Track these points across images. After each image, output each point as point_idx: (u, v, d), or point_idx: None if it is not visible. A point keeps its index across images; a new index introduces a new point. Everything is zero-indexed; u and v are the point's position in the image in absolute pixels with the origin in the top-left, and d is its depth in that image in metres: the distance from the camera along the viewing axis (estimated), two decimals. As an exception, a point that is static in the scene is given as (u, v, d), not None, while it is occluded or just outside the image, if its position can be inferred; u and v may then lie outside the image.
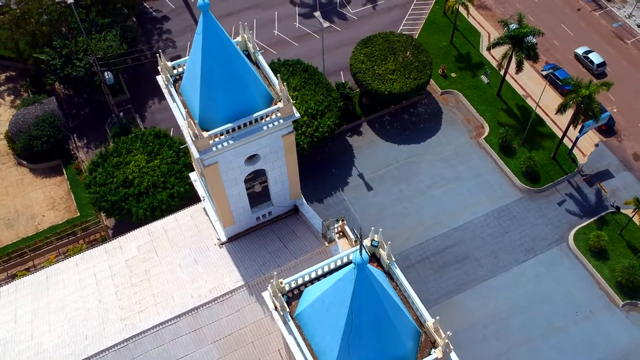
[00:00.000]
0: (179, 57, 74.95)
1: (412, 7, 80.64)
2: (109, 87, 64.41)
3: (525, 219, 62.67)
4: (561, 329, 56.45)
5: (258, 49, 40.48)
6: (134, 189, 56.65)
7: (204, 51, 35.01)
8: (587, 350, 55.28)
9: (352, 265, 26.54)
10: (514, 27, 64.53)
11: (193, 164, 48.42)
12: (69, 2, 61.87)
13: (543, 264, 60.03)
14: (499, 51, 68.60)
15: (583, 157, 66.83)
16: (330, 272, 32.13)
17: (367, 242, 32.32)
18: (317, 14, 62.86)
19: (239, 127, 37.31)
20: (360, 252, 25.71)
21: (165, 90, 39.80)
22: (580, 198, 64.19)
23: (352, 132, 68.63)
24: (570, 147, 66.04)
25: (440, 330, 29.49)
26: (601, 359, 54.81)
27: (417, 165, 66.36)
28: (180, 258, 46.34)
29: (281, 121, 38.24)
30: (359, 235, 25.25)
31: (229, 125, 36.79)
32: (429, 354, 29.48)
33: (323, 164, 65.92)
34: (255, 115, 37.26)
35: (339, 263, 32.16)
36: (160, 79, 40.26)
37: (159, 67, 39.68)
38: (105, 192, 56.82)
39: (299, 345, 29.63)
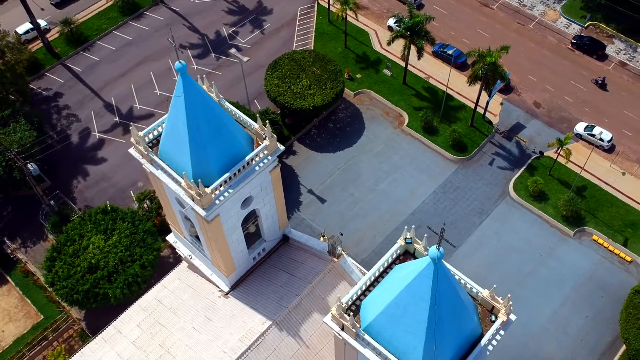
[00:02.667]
0: (87, 129, 72.64)
1: (297, 23, 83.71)
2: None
3: (467, 186, 67.81)
4: (532, 272, 61.91)
5: (222, 96, 41.06)
6: (102, 272, 54.47)
7: (188, 111, 35.27)
8: (560, 283, 61.13)
9: (420, 263, 28.57)
10: (406, 20, 69.35)
11: (171, 227, 47.72)
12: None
13: (497, 220, 65.41)
14: (398, 44, 73.22)
15: (495, 118, 73.40)
16: (376, 279, 33.90)
17: (400, 240, 34.40)
18: (233, 50, 63.80)
19: (235, 175, 37.86)
20: (438, 246, 27.77)
21: (144, 161, 39.24)
22: (506, 153, 70.54)
23: (286, 153, 70.24)
24: (482, 112, 72.26)
25: (497, 297, 32.33)
26: (573, 287, 60.87)
27: (357, 166, 69.36)
28: (190, 321, 45.63)
29: (269, 157, 39.26)
30: (439, 232, 27.22)
31: (227, 175, 37.25)
32: (493, 321, 32.20)
33: (272, 191, 66.94)
34: (247, 158, 38.01)
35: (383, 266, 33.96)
36: (134, 151, 39.61)
37: (132, 140, 39.05)
38: (73, 284, 54.09)
39: (380, 354, 31.07)
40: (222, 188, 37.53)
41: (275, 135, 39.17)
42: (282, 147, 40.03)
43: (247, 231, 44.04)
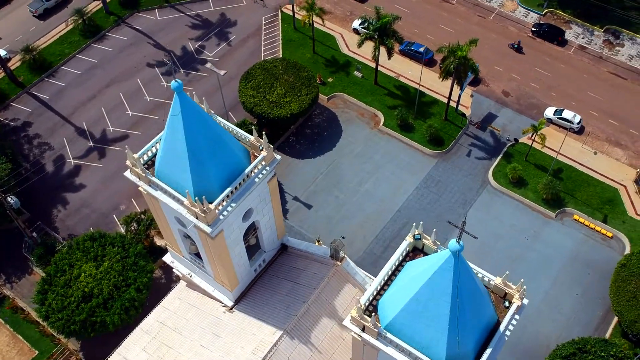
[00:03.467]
0: (62, 157, 71.29)
1: (263, 33, 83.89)
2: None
3: (448, 179, 69.11)
4: (520, 257, 63.47)
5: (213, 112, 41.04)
6: (97, 299, 53.56)
7: (186, 129, 35.15)
8: (547, 265, 62.83)
9: (438, 257, 29.23)
10: (374, 21, 70.24)
11: (168, 247, 47.29)
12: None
13: (480, 209, 66.85)
14: (366, 45, 74.09)
15: (467, 110, 75.00)
16: (390, 277, 34.45)
17: (408, 238, 35.06)
18: (208, 65, 63.48)
19: (236, 188, 37.89)
20: (458, 239, 28.43)
21: (141, 183, 38.86)
22: (482, 144, 72.18)
23: (267, 163, 70.21)
24: (455, 105, 73.76)
25: (509, 283, 33.28)
26: (560, 267, 62.66)
27: (339, 169, 69.93)
28: (197, 339, 45.33)
29: (268, 168, 39.43)
30: (460, 225, 27.87)
31: (228, 189, 37.24)
32: (507, 307, 33.12)
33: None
34: (246, 171, 38.10)
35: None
36: (130, 175, 39.20)
37: (127, 162, 38.65)
38: (68, 315, 53.03)
39: (403, 350, 31.59)
40: (224, 203, 37.52)
41: (271, 146, 39.37)
42: (278, 157, 40.27)
43: (248, 243, 44.05)
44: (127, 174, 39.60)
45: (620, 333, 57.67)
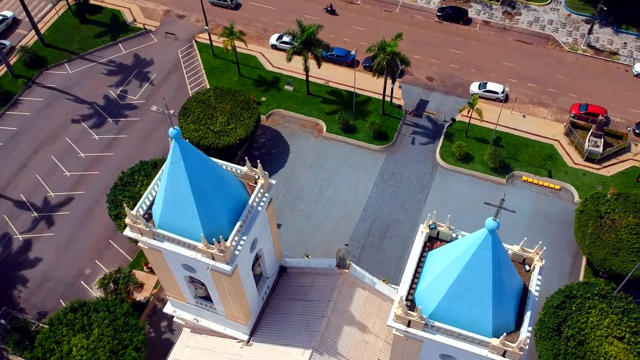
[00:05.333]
0: (7, 234, 67.26)
1: (183, 66, 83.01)
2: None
3: (401, 169, 71.73)
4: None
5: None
6: (96, 369, 51.31)
7: (189, 174, 34.85)
8: (513, 228, 66.47)
9: (475, 238, 30.98)
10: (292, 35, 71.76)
11: (168, 297, 46.19)
12: None
13: (438, 191, 69.93)
14: (296, 59, 75.18)
15: (400, 101, 78.08)
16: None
17: (424, 228, 36.63)
18: (154, 107, 61.87)
19: (244, 221, 37.95)
20: (495, 217, 30.20)
21: (144, 238, 37.96)
22: (422, 130, 75.44)
23: (225, 193, 69.76)
24: (389, 99, 76.60)
25: (527, 249, 35.70)
26: (524, 227, 66.59)
27: (296, 183, 70.66)
28: (223, 381, 44.68)
29: (267, 195, 39.78)
30: (499, 202, 29.56)
31: (239, 223, 37.27)
32: (528, 271, 35.53)
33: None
34: (250, 202, 38.25)
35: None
36: (130, 232, 38.16)
37: (127, 221, 37.60)
38: (69, 394, 50.42)
39: (452, 334, 33.10)
40: (236, 238, 37.47)
41: (267, 173, 39.74)
42: (273, 182, 40.68)
43: (254, 273, 44.05)
44: (127, 232, 38.53)
45: (591, 273, 62.40)
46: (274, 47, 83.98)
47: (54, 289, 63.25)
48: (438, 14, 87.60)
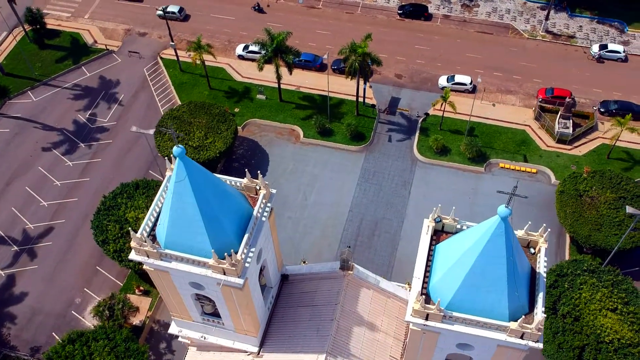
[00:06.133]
0: (-12, 271, 65.27)
1: (150, 84, 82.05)
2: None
3: (381, 167, 72.59)
4: (472, 216, 68.04)
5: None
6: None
7: (195, 191, 34.66)
8: (494, 213, 68.16)
9: (487, 227, 31.81)
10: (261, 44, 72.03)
11: (173, 316, 45.70)
12: None
13: (419, 185, 71.05)
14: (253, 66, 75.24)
15: (372, 100, 79.02)
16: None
17: (429, 222, 37.33)
18: (134, 128, 60.82)
19: (251, 233, 37.94)
20: (507, 204, 31.05)
21: (151, 260, 37.54)
22: (397, 126, 76.53)
23: (209, 207, 69.29)
24: (362, 100, 77.41)
25: (530, 232, 36.75)
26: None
27: (280, 191, 69.29)
28: (238, 395, 44.45)
29: (269, 204, 39.86)
30: (512, 189, 30.41)
31: (246, 235, 37.23)
32: (533, 254, 36.65)
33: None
34: (254, 213, 38.28)
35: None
36: (136, 256, 37.64)
37: (132, 244, 37.12)
38: None
39: (470, 322, 33.83)
40: (245, 250, 37.44)
41: (267, 182, 39.83)
42: (274, 191, 40.80)
43: (260, 284, 44.02)
44: (132, 256, 38.02)
45: (576, 251, 64.41)
46: (240, 57, 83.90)
47: (44, 322, 61.68)
48: (399, 12, 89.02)
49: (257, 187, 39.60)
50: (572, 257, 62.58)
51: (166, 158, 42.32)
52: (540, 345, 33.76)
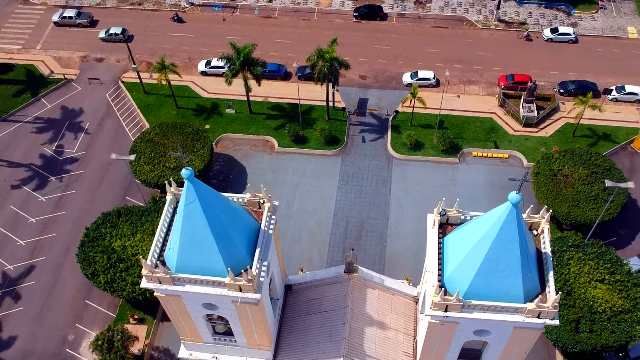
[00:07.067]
0: (-28, 319, 62.90)
1: (115, 109, 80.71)
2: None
3: (359, 168, 73.51)
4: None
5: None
6: None
7: (207, 212, 34.52)
8: (476, 203, 69.68)
9: (499, 214, 32.86)
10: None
11: (183, 340, 45.24)
12: None
13: (399, 182, 72.27)
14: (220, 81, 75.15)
15: (341, 103, 79.95)
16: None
17: (435, 216, 38.26)
18: (114, 155, 59.22)
19: (261, 247, 38.05)
20: (518, 190, 32.14)
21: (164, 286, 37.18)
22: (369, 127, 77.63)
23: (193, 227, 68.67)
24: (332, 104, 78.19)
25: (531, 214, 38.16)
26: (486, 200, 69.66)
27: (262, 203, 70.56)
28: (258, 411, 44.33)
29: (274, 217, 40.05)
30: (523, 176, 31.47)
31: (258, 250, 37.33)
32: (536, 235, 37.98)
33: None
34: (262, 227, 38.41)
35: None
36: (148, 284, 37.22)
37: (144, 272, 36.65)
38: None
39: (488, 308, 34.87)
40: (258, 265, 37.52)
41: (270, 195, 40.02)
42: (276, 203, 40.98)
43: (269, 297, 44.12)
44: (144, 284, 37.55)
45: (556, 228, 66.75)
46: (203, 73, 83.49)
47: (38, 364, 59.97)
48: (354, 14, 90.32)
49: (261, 201, 39.68)
50: (555, 235, 64.77)
51: (141, 182, 41.64)
52: (557, 322, 35.09)
